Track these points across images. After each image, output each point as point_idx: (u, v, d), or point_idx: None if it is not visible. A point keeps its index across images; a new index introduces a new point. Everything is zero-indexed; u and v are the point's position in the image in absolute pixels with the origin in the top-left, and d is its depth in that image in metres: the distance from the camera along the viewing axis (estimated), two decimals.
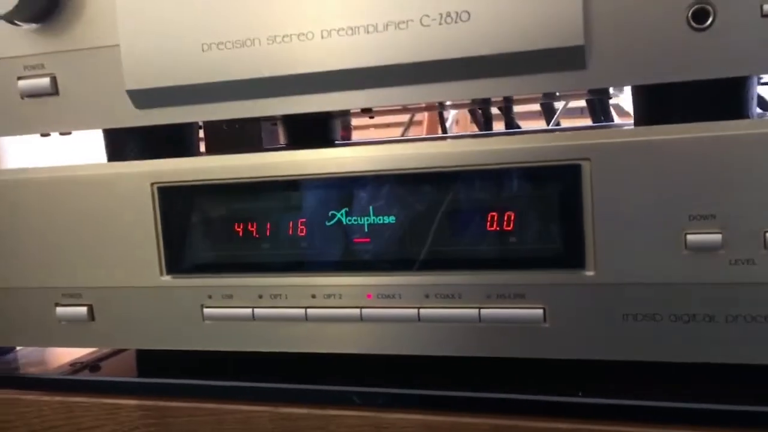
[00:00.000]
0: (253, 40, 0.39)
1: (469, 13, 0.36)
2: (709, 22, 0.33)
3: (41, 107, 0.44)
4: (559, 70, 0.35)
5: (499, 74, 0.36)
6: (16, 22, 0.42)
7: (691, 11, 0.33)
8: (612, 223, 0.36)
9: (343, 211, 0.41)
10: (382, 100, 0.39)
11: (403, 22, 0.37)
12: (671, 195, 0.35)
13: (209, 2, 0.40)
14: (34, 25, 0.43)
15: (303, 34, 0.38)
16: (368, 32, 0.37)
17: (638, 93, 0.42)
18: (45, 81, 0.44)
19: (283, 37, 0.39)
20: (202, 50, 0.40)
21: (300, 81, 0.39)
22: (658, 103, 0.40)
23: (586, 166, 0.36)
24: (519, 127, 0.78)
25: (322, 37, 0.38)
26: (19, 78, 0.44)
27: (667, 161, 0.34)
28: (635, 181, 0.35)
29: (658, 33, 0.34)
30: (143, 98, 0.42)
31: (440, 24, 0.36)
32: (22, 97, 0.44)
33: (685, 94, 0.37)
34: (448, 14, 0.36)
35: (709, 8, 0.33)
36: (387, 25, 0.37)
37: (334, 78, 0.38)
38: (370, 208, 0.40)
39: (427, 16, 0.36)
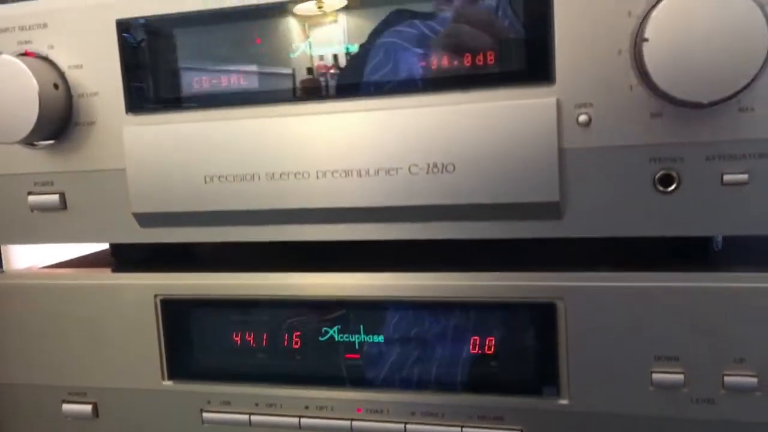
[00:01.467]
0: (253, 175, 0.42)
1: (454, 165, 0.38)
2: (673, 186, 0.36)
3: (49, 220, 0.47)
4: (537, 219, 0.38)
5: (481, 219, 0.39)
6: (32, 143, 0.44)
7: (657, 176, 0.36)
8: (585, 357, 0.39)
9: (335, 328, 0.44)
10: (371, 235, 0.41)
11: (393, 169, 0.39)
12: (639, 336, 0.38)
13: (212, 138, 0.42)
14: (44, 144, 0.45)
15: (300, 174, 0.41)
16: (360, 176, 0.40)
17: None
18: (54, 198, 0.46)
19: (281, 174, 0.41)
20: (205, 182, 0.43)
21: (294, 214, 0.42)
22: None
23: (560, 305, 0.39)
24: None
25: (317, 177, 0.41)
26: (30, 193, 0.47)
27: (636, 306, 0.37)
28: (606, 320, 0.38)
29: (627, 194, 0.37)
30: (148, 220, 0.44)
31: (427, 173, 0.39)
32: (31, 210, 0.47)
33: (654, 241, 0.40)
34: (435, 165, 0.39)
35: (674, 174, 0.36)
36: (378, 170, 0.40)
37: (327, 214, 0.41)
38: (361, 327, 0.43)
39: (416, 165, 0.39)
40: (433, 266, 0.42)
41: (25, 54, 0.45)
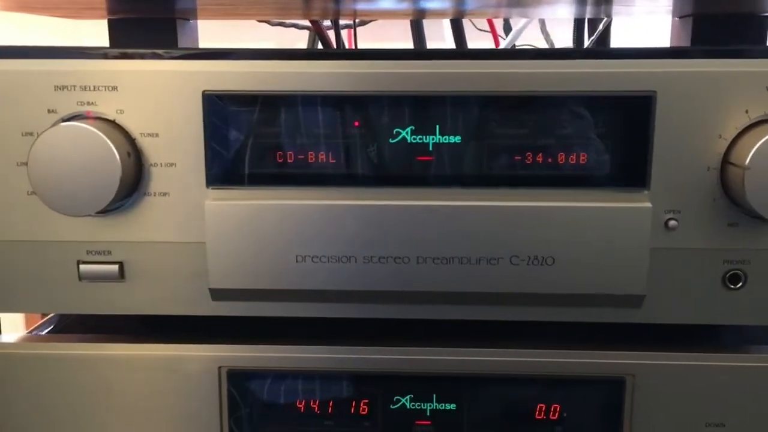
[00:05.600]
0: (350, 257, 0.42)
1: (554, 258, 0.42)
2: (740, 284, 0.42)
3: (102, 290, 0.44)
4: (620, 307, 0.43)
5: (572, 305, 0.43)
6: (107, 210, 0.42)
7: (728, 275, 0.42)
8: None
9: (407, 397, 0.46)
10: (462, 316, 0.44)
11: (494, 258, 0.42)
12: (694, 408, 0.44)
13: (305, 217, 0.42)
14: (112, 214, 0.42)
15: (400, 258, 0.42)
16: (461, 263, 0.42)
17: None
18: (113, 268, 0.43)
19: (380, 258, 0.42)
20: (296, 261, 0.42)
21: (390, 295, 0.43)
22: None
23: (629, 380, 0.44)
24: None
25: (417, 263, 0.42)
26: (81, 262, 0.43)
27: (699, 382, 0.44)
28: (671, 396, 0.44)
29: (701, 288, 0.42)
30: (224, 294, 0.43)
31: (528, 264, 0.42)
32: (80, 279, 0.44)
33: None
34: (536, 257, 0.42)
35: (741, 274, 0.42)
36: (479, 259, 0.42)
37: (424, 296, 0.43)
38: (433, 396, 0.46)
39: (517, 256, 0.42)
40: (508, 344, 0.45)
41: (87, 116, 0.41)
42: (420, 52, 0.40)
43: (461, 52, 0.44)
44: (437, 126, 0.42)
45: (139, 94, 0.41)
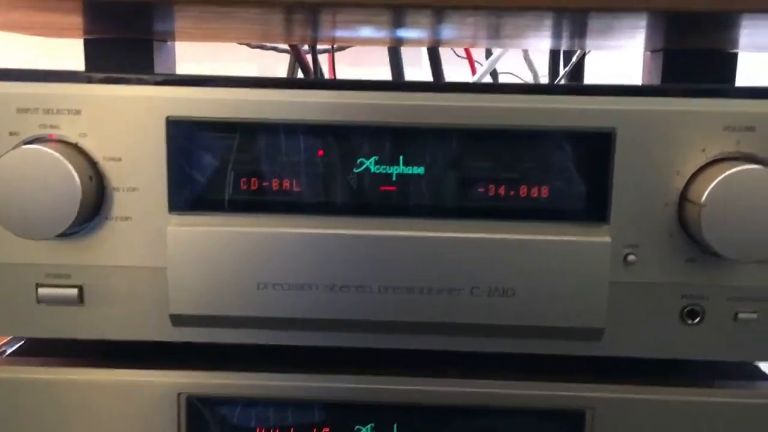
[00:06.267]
0: (311, 285, 0.42)
1: (514, 290, 0.42)
2: (697, 319, 0.43)
3: (60, 314, 0.43)
4: (579, 340, 0.43)
5: (530, 337, 0.43)
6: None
7: (685, 310, 0.43)
8: None
9: (369, 426, 0.45)
10: (422, 345, 0.44)
11: (456, 290, 0.42)
12: None
13: (267, 245, 0.42)
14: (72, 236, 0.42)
15: (362, 287, 0.42)
16: (422, 293, 0.42)
17: None
18: (72, 292, 0.43)
19: (341, 287, 0.42)
20: (258, 287, 0.42)
21: (351, 324, 0.43)
22: None
23: (589, 414, 0.44)
24: None
25: (379, 292, 0.42)
26: (39, 285, 0.43)
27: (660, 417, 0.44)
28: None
29: (659, 322, 0.43)
30: (185, 320, 0.43)
31: (489, 296, 0.42)
32: (38, 302, 0.43)
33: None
34: (496, 289, 0.42)
35: (699, 309, 0.43)
36: (440, 290, 0.42)
37: (385, 325, 0.43)
38: (395, 426, 0.45)
39: (478, 287, 0.42)
40: (469, 374, 0.45)
41: (50, 139, 0.41)
42: (376, 83, 0.41)
43: (420, 84, 0.44)
44: (401, 157, 0.42)
45: (102, 119, 0.41)
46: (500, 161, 0.42)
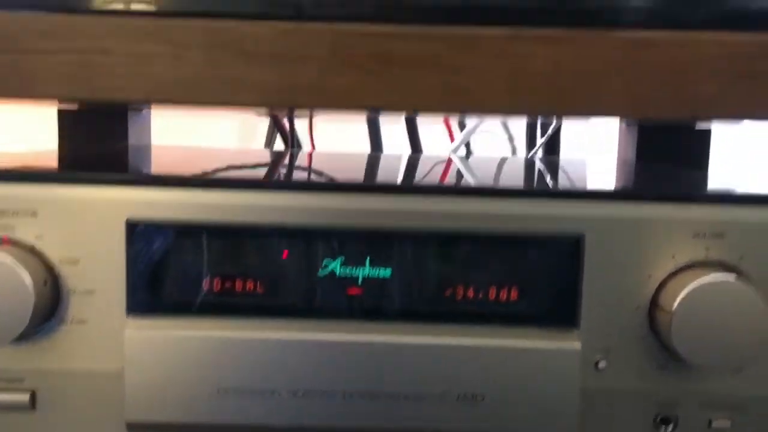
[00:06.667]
0: (273, 391, 0.41)
1: (483, 396, 0.41)
2: (670, 427, 0.42)
3: (11, 420, 0.42)
4: None
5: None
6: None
7: (658, 417, 0.42)
8: None
9: None
10: None
11: (423, 395, 0.41)
12: None
13: (228, 349, 0.41)
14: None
15: (326, 393, 0.41)
16: (389, 399, 0.41)
17: None
18: (23, 397, 0.41)
19: (304, 393, 0.41)
20: (218, 393, 0.41)
21: (317, 429, 0.42)
22: None
23: None
24: None
25: (344, 398, 0.41)
26: None
27: None
28: None
29: (631, 429, 0.42)
30: (142, 428, 0.41)
31: (457, 401, 0.41)
32: None
33: None
34: (465, 395, 0.41)
35: (671, 417, 0.42)
36: (407, 395, 0.41)
37: None
38: None
39: (446, 393, 0.41)
40: None
41: (4, 241, 0.40)
42: (343, 186, 0.40)
43: (387, 187, 0.44)
44: (368, 258, 0.41)
45: (59, 220, 0.40)
46: (469, 265, 0.41)
